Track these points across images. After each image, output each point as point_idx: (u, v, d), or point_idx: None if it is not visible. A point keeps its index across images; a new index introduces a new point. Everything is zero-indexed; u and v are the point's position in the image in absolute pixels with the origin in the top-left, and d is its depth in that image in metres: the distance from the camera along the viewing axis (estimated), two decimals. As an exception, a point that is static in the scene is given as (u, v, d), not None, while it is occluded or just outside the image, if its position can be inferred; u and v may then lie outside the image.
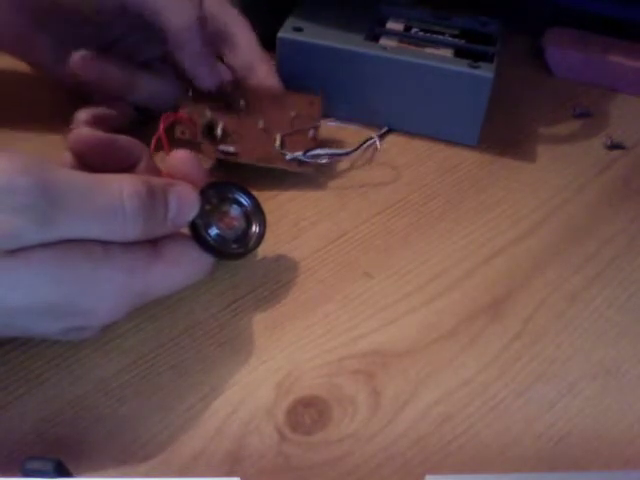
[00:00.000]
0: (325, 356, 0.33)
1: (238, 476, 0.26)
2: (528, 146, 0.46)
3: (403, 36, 0.46)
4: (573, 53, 0.52)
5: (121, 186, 0.28)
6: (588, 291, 0.37)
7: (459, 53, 0.44)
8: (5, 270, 0.26)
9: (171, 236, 0.31)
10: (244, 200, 0.35)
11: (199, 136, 0.40)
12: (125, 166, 0.33)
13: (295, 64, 0.44)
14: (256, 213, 0.35)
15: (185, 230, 0.32)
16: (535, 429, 0.31)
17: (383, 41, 0.45)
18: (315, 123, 0.42)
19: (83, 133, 0.33)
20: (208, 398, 0.31)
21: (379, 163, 0.44)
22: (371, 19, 0.47)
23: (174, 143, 0.36)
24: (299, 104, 0.42)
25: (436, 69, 0.43)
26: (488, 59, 0.43)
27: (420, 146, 0.45)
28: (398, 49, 0.44)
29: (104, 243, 0.28)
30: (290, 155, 0.41)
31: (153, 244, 0.30)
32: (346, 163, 0.43)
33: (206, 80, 0.41)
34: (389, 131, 0.46)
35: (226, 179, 0.35)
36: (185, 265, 0.31)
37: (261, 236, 0.35)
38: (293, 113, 0.42)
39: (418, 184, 0.43)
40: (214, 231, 0.32)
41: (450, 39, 0.46)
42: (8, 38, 0.42)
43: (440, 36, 0.46)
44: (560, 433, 0.31)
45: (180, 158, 0.33)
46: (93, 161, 0.33)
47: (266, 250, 0.38)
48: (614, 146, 0.47)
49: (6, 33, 0.42)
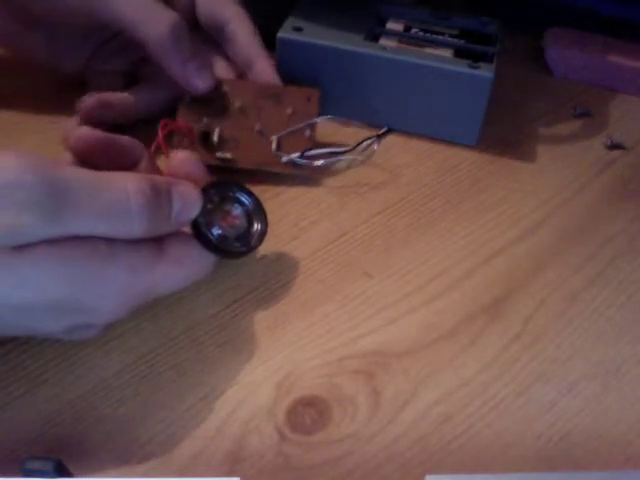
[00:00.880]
0: (325, 356, 0.33)
1: (238, 476, 0.26)
2: (528, 146, 0.46)
3: (403, 36, 0.46)
4: (573, 53, 0.52)
5: (126, 183, 0.28)
6: (588, 291, 0.37)
7: (459, 53, 0.44)
8: (10, 266, 0.27)
9: (174, 235, 0.31)
10: (245, 199, 0.35)
11: (196, 143, 0.40)
12: (125, 166, 0.33)
13: (295, 64, 0.44)
14: (257, 212, 0.35)
15: (187, 229, 0.32)
16: (535, 429, 0.31)
17: (383, 41, 0.45)
18: (312, 120, 0.42)
19: (83, 133, 0.34)
20: (208, 398, 0.31)
21: (379, 163, 0.44)
22: (371, 19, 0.47)
23: (172, 148, 0.36)
24: (296, 100, 0.42)
25: (436, 69, 0.43)
26: (488, 59, 0.43)
27: (420, 146, 0.45)
28: (398, 49, 0.44)
29: (109, 241, 0.28)
30: (286, 157, 0.41)
31: (157, 243, 0.30)
32: (346, 163, 0.43)
33: (195, 85, 0.40)
34: (388, 131, 0.46)
35: (227, 179, 0.35)
36: (188, 264, 0.31)
37: (263, 234, 0.35)
38: (290, 110, 0.42)
39: (418, 184, 0.43)
40: (216, 230, 0.32)
41: (450, 39, 0.46)
42: (5, 40, 0.43)
43: (440, 36, 0.46)
44: (560, 433, 0.31)
45: (181, 159, 0.33)
46: (93, 161, 0.33)
47: (266, 250, 0.38)
48: (614, 146, 0.47)
49: (2, 35, 0.42)
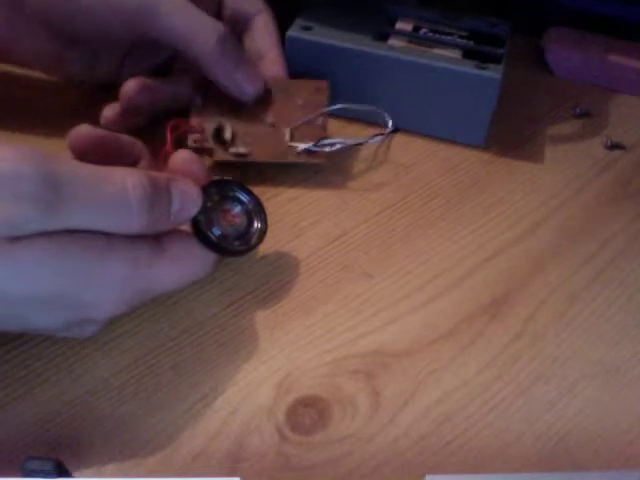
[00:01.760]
0: (325, 356, 0.33)
1: (238, 476, 0.26)
2: (528, 146, 0.46)
3: (412, 36, 0.46)
4: (573, 53, 0.52)
5: (125, 178, 0.28)
6: (588, 291, 0.37)
7: (468, 54, 0.44)
8: (6, 257, 0.26)
9: (174, 233, 0.31)
10: (245, 198, 0.35)
11: (209, 142, 0.40)
12: (125, 164, 0.33)
13: (303, 63, 0.44)
14: (257, 210, 0.35)
15: (187, 228, 0.32)
16: (535, 429, 0.31)
17: (391, 41, 0.45)
18: (323, 109, 0.42)
19: (83, 131, 0.34)
20: (208, 398, 0.31)
21: (379, 163, 0.44)
22: (380, 19, 0.47)
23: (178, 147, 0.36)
24: (305, 91, 0.42)
25: (443, 70, 0.43)
26: (496, 60, 0.43)
27: (420, 146, 0.45)
28: (406, 49, 0.44)
29: (107, 235, 0.28)
30: (301, 147, 0.41)
31: (156, 240, 0.30)
32: (346, 163, 0.43)
33: (247, 91, 0.40)
34: (396, 130, 0.45)
35: (227, 178, 0.35)
36: (187, 262, 0.31)
37: (263, 233, 0.35)
38: (300, 101, 0.42)
39: (418, 184, 0.43)
40: (216, 228, 0.32)
41: (459, 40, 0.46)
42: (41, 62, 0.42)
43: (449, 37, 0.46)
44: (560, 433, 0.31)
45: (182, 157, 0.33)
46: (93, 159, 0.33)
47: (266, 250, 0.38)
48: (614, 146, 0.47)
49: (39, 59, 0.42)
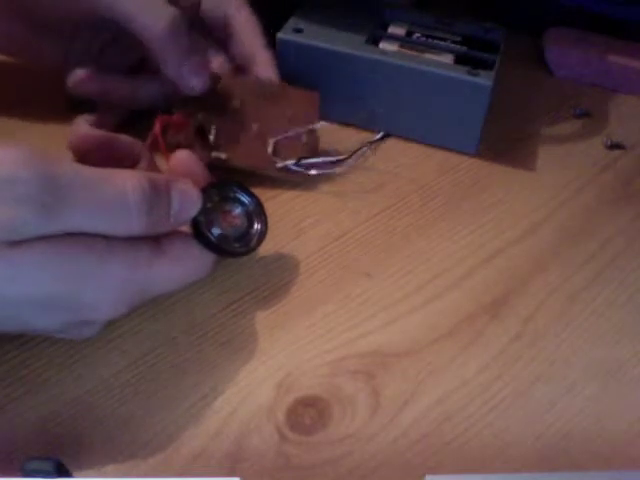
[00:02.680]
0: (325, 356, 0.33)
1: (238, 476, 0.26)
2: (528, 146, 0.46)
3: (404, 41, 0.45)
4: (573, 53, 0.52)
5: (125, 180, 0.28)
6: (588, 291, 0.37)
7: (460, 60, 0.44)
8: (5, 260, 0.26)
9: (173, 233, 0.31)
10: (246, 199, 0.35)
11: (192, 140, 0.40)
12: (125, 166, 0.33)
13: (294, 65, 0.44)
14: (258, 212, 0.35)
15: (187, 229, 0.32)
16: (535, 429, 0.31)
17: (383, 45, 0.45)
18: (311, 125, 0.41)
19: (83, 132, 0.33)
20: (208, 398, 0.31)
21: (379, 163, 0.44)
22: (374, 23, 0.46)
23: (167, 143, 0.36)
24: (296, 102, 0.42)
25: (434, 75, 0.42)
26: (488, 67, 0.43)
27: (420, 146, 0.45)
28: (397, 54, 0.44)
29: (107, 238, 0.28)
30: (281, 163, 0.40)
31: (155, 241, 0.30)
32: (340, 171, 0.43)
33: (191, 85, 0.40)
34: (385, 137, 0.45)
35: (228, 178, 0.35)
36: (187, 262, 0.31)
37: (263, 235, 0.35)
38: (289, 112, 0.42)
39: (418, 184, 0.43)
40: (216, 229, 0.32)
41: (452, 45, 0.45)
42: (14, 46, 0.42)
43: (442, 42, 0.45)
44: (560, 433, 0.31)
45: (182, 158, 0.33)
46: (93, 160, 0.33)
47: (266, 250, 0.38)
48: (614, 146, 0.47)
49: (11, 42, 0.42)
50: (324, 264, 0.38)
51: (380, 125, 0.45)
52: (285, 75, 0.43)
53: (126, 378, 0.32)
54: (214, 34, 0.44)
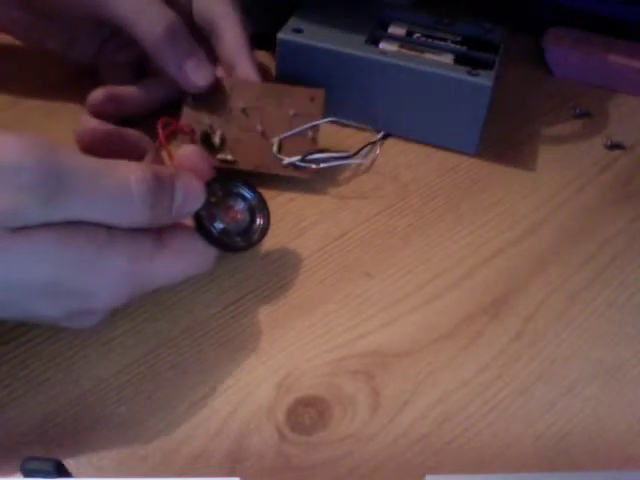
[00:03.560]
0: (325, 356, 0.33)
1: (238, 476, 0.26)
2: (528, 146, 0.46)
3: (404, 41, 0.45)
4: (573, 53, 0.52)
5: (128, 171, 0.28)
6: (588, 291, 0.37)
7: (460, 60, 0.44)
8: (7, 247, 0.26)
9: (176, 226, 0.31)
10: (248, 194, 0.35)
11: (197, 144, 0.40)
12: (131, 159, 0.33)
13: (294, 65, 0.44)
14: (260, 207, 0.35)
15: (190, 222, 0.32)
16: (535, 429, 0.31)
17: (383, 45, 0.45)
18: (315, 121, 0.41)
19: (90, 125, 0.34)
20: (208, 398, 0.31)
21: (379, 163, 0.44)
22: (374, 23, 0.46)
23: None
24: (299, 100, 0.42)
25: (434, 75, 0.42)
26: (488, 67, 0.43)
27: (420, 146, 0.45)
28: (397, 54, 0.44)
29: (109, 228, 0.28)
30: (287, 160, 0.40)
31: (157, 233, 0.30)
32: (347, 169, 0.43)
33: (194, 82, 0.40)
34: (387, 135, 0.45)
35: (231, 174, 0.35)
36: (188, 256, 0.31)
37: (265, 230, 0.35)
38: (292, 111, 0.42)
39: (418, 184, 0.43)
40: (218, 224, 0.33)
41: (452, 45, 0.45)
42: (20, 30, 0.44)
43: (442, 42, 0.45)
44: (560, 433, 0.31)
45: (187, 152, 0.33)
46: (100, 153, 0.33)
47: (266, 250, 0.38)
48: (614, 146, 0.47)
49: (16, 26, 0.43)
50: (324, 264, 0.38)
51: (380, 125, 0.45)
52: (285, 75, 0.44)
53: (126, 378, 0.32)
54: (203, 38, 0.45)
